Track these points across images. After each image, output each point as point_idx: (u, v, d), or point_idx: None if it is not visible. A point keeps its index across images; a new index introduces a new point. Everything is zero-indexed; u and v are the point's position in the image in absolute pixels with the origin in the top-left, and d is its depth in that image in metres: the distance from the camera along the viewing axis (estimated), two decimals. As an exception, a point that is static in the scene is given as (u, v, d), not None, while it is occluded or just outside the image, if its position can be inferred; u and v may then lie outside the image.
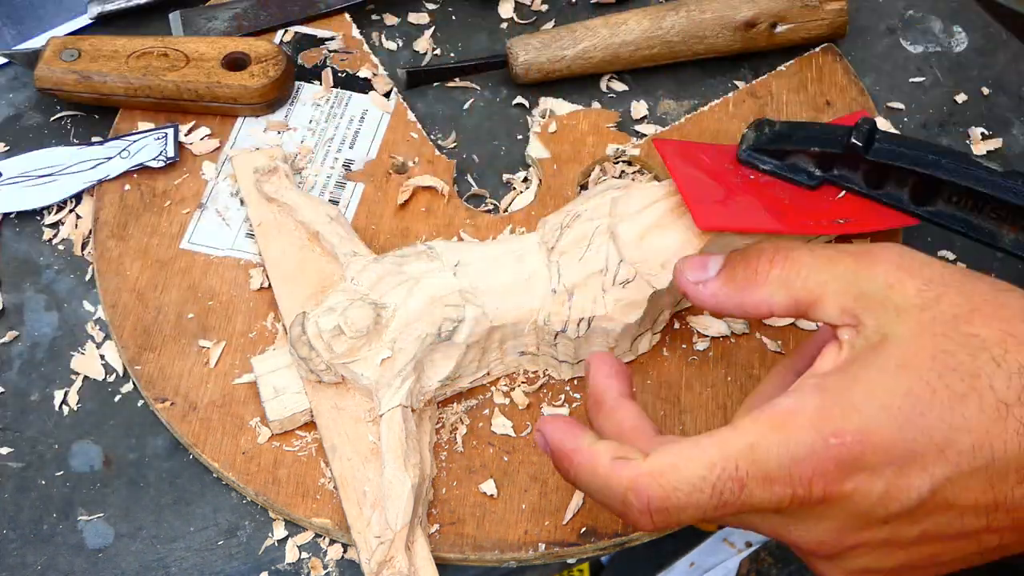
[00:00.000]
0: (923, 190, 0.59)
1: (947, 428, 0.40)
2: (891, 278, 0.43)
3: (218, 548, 0.57)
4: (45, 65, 0.69)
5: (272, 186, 0.65)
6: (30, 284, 0.66)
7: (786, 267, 0.46)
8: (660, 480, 0.42)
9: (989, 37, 0.77)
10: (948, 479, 0.41)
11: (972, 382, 0.41)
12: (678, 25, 0.72)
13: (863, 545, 0.43)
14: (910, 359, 0.41)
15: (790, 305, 0.46)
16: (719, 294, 0.48)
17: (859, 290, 0.44)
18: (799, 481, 0.41)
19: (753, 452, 0.41)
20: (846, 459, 0.41)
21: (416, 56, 0.76)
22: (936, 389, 0.41)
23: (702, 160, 0.63)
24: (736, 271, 0.48)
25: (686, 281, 0.49)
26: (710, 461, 0.42)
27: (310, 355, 0.57)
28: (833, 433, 0.41)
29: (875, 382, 0.41)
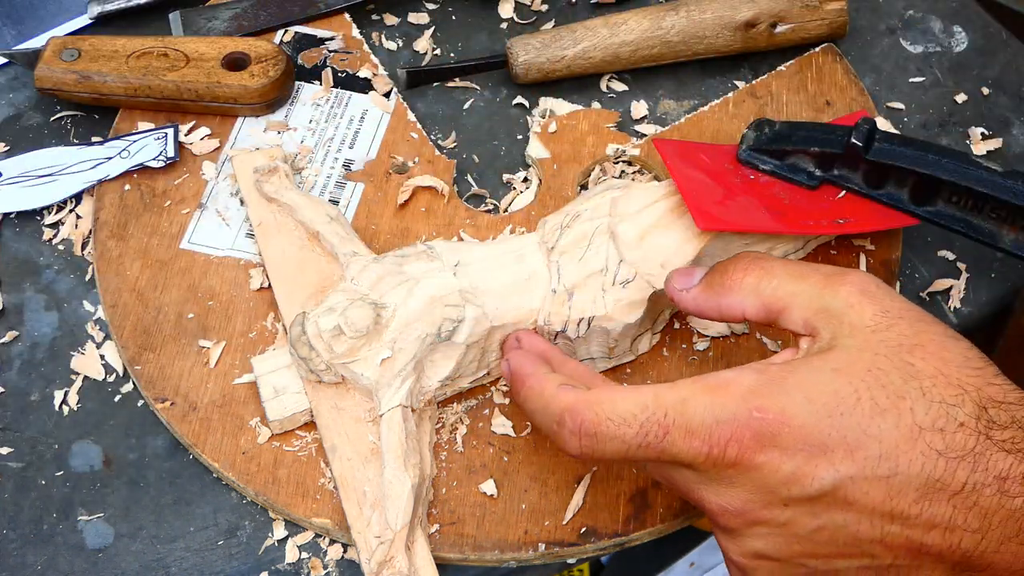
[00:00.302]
0: (923, 190, 0.59)
1: (861, 433, 0.44)
2: (852, 300, 0.47)
3: (218, 548, 0.57)
4: (45, 65, 0.69)
5: (272, 186, 0.65)
6: (30, 284, 0.66)
7: (759, 276, 0.50)
8: (596, 407, 0.47)
9: (989, 37, 0.77)
10: (851, 478, 0.44)
11: (896, 401, 0.44)
12: (678, 25, 0.72)
13: (763, 523, 0.46)
14: (846, 366, 0.45)
15: (760, 310, 0.50)
16: (699, 299, 0.52)
17: (822, 305, 0.48)
18: (716, 441, 0.45)
19: (683, 405, 0.45)
20: (763, 433, 0.44)
21: (416, 56, 0.76)
22: (861, 397, 0.44)
23: (702, 160, 0.63)
24: (715, 278, 0.52)
25: (673, 289, 0.54)
26: (643, 403, 0.46)
27: (310, 355, 0.57)
28: (757, 407, 0.44)
29: (809, 377, 0.45)
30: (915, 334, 0.46)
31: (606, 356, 0.60)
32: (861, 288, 0.48)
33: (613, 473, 0.57)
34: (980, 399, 0.44)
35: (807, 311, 0.48)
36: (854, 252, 0.65)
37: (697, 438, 0.45)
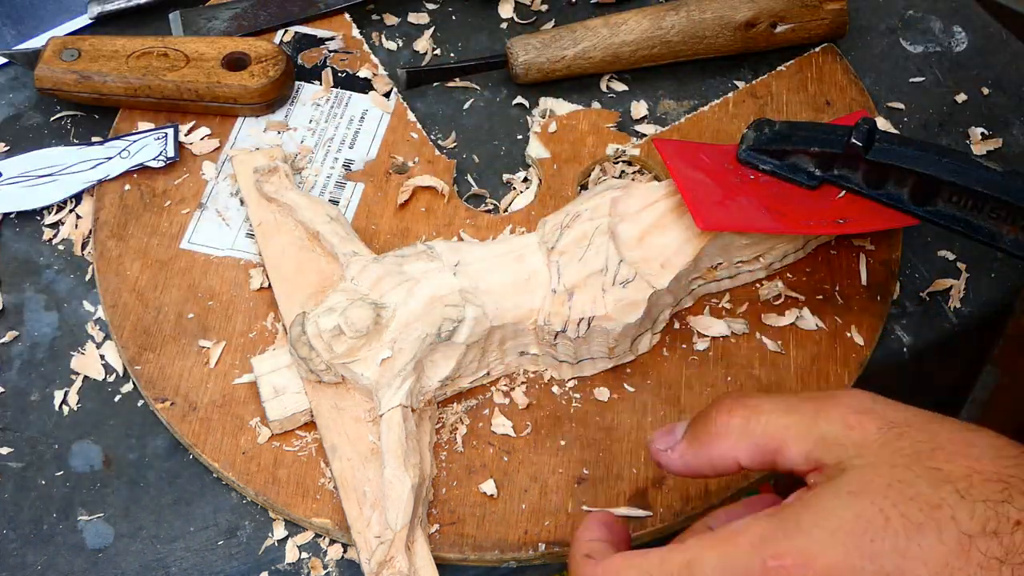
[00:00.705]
0: (923, 190, 0.59)
1: (899, 557, 0.39)
2: (851, 420, 0.43)
3: (218, 548, 0.57)
4: (45, 65, 0.69)
5: (272, 186, 0.65)
6: (30, 284, 0.66)
7: (745, 416, 0.45)
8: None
9: (989, 37, 0.77)
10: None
11: (932, 512, 0.39)
12: (678, 25, 0.72)
13: None
14: (863, 486, 0.40)
15: (755, 453, 0.45)
16: (686, 456, 0.47)
17: (819, 434, 0.43)
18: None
19: (690, 568, 0.42)
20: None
21: (416, 56, 0.76)
22: (890, 517, 0.39)
23: (702, 160, 0.63)
24: (698, 430, 0.47)
25: (656, 451, 0.49)
26: (647, 571, 0.43)
27: (310, 355, 0.57)
28: (772, 555, 0.40)
29: (824, 507, 0.40)
30: (930, 437, 0.41)
31: (606, 356, 0.60)
32: (857, 407, 0.43)
33: (613, 473, 0.57)
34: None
35: (805, 443, 0.43)
36: (854, 252, 0.65)
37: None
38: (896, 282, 0.65)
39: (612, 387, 0.60)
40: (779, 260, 0.64)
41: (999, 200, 0.57)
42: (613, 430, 0.59)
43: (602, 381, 0.60)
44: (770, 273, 0.64)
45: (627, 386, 0.60)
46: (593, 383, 0.60)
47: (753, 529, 0.41)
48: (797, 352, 0.61)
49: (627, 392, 0.60)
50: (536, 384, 0.60)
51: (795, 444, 0.44)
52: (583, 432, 0.59)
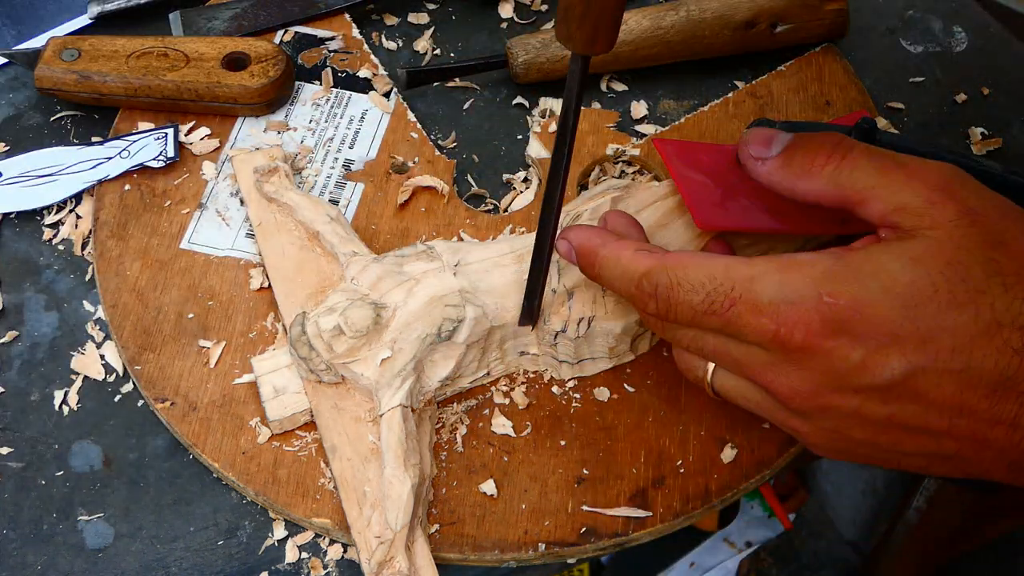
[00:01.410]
0: (923, 190, 0.59)
1: (935, 325, 0.43)
2: (934, 197, 0.46)
3: (218, 548, 0.57)
4: (45, 65, 0.69)
5: (272, 186, 0.65)
6: (30, 284, 0.66)
7: (841, 165, 0.49)
8: (670, 272, 0.48)
9: (989, 37, 0.77)
10: (923, 369, 0.43)
11: (975, 296, 0.43)
12: (678, 25, 0.72)
13: (833, 408, 0.46)
14: (926, 257, 0.44)
15: (837, 200, 0.49)
16: (775, 174, 0.51)
17: (902, 201, 0.46)
18: (783, 321, 0.45)
19: (752, 282, 0.46)
20: (833, 318, 0.44)
21: (416, 56, 0.76)
22: (939, 289, 0.43)
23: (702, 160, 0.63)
24: (795, 157, 0.50)
25: (747, 155, 0.52)
26: (713, 273, 0.47)
27: (310, 355, 0.57)
28: (829, 292, 0.44)
29: (886, 265, 0.45)
30: (1000, 231, 0.45)
31: (606, 356, 0.60)
32: (943, 185, 0.46)
33: (613, 473, 0.57)
34: None
35: (886, 206, 0.47)
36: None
37: (764, 316, 0.45)
38: (896, 282, 0.65)
39: (612, 387, 0.60)
40: (779, 260, 0.64)
41: (999, 200, 0.57)
42: (613, 430, 0.59)
43: (602, 381, 0.60)
44: (770, 273, 0.64)
45: (627, 386, 0.60)
46: (593, 383, 0.60)
47: (819, 264, 0.45)
48: (797, 352, 0.61)
49: (627, 392, 0.60)
50: (536, 384, 0.60)
51: (877, 203, 0.47)
52: (583, 432, 0.59)
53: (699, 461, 0.58)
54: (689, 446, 0.58)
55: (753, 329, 0.46)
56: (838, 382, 0.45)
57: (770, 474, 0.58)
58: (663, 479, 0.57)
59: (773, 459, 0.58)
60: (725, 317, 0.46)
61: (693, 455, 0.58)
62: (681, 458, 0.58)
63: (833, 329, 0.44)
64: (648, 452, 0.58)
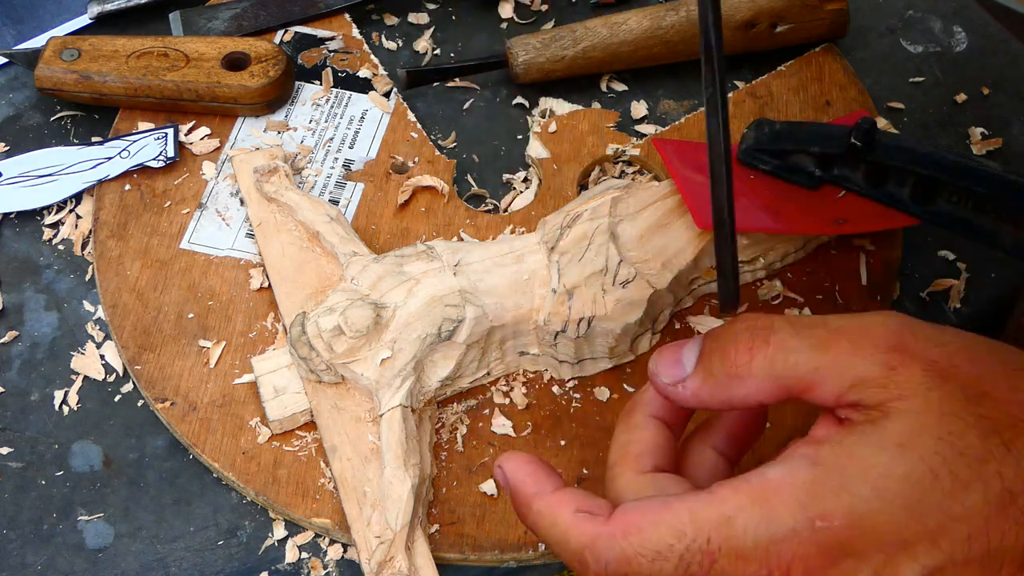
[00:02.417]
0: (923, 190, 0.59)
1: (944, 517, 0.38)
2: (891, 360, 0.40)
3: (218, 548, 0.57)
4: (45, 65, 0.69)
5: (272, 186, 0.65)
6: (30, 284, 0.66)
7: (769, 356, 0.41)
8: (622, 543, 0.40)
9: (989, 37, 0.77)
10: (940, 569, 0.38)
11: (979, 468, 0.38)
12: (678, 25, 0.72)
13: None
14: (912, 439, 0.38)
15: (780, 393, 0.42)
16: (701, 394, 0.43)
17: (856, 375, 0.40)
18: (776, 563, 0.38)
19: (729, 526, 0.38)
20: (832, 544, 0.38)
21: (416, 56, 0.76)
22: (939, 475, 0.38)
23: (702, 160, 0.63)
24: (713, 365, 0.43)
25: (663, 385, 0.44)
26: (680, 529, 0.39)
27: (310, 355, 0.57)
28: (820, 515, 0.38)
29: (872, 461, 0.38)
30: (977, 379, 0.39)
31: (606, 356, 0.60)
32: (894, 343, 0.40)
33: (613, 473, 0.57)
34: None
35: (840, 386, 0.40)
36: (854, 252, 0.65)
37: (752, 563, 0.38)
38: (896, 282, 0.65)
39: (612, 387, 0.60)
40: (779, 260, 0.64)
41: (999, 200, 0.57)
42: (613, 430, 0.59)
43: (602, 381, 0.60)
44: (770, 273, 0.64)
45: (627, 386, 0.60)
46: (593, 383, 0.60)
47: (796, 481, 0.39)
48: (797, 352, 0.61)
49: (627, 392, 0.60)
50: (536, 384, 0.60)
51: (828, 385, 0.40)
52: (583, 432, 0.59)
53: (699, 461, 0.58)
54: (689, 446, 0.58)
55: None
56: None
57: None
58: (663, 479, 0.57)
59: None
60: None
61: (693, 455, 0.58)
62: (681, 458, 0.58)
63: (833, 556, 0.38)
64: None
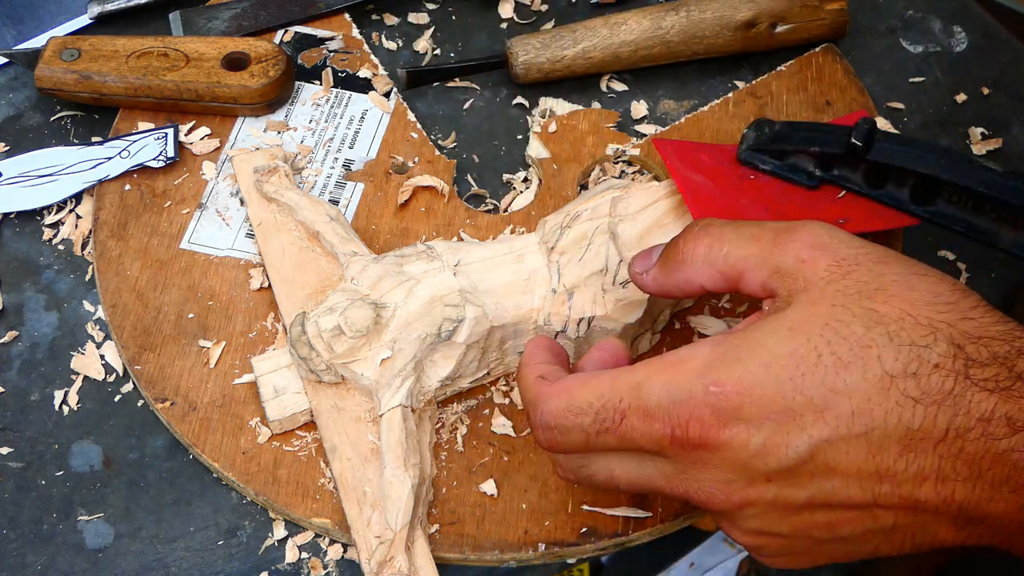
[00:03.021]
0: (923, 190, 0.59)
1: (827, 391, 0.41)
2: (803, 254, 0.45)
3: (218, 548, 0.57)
4: (45, 65, 0.69)
5: (272, 186, 0.65)
6: (30, 284, 0.66)
7: (709, 245, 0.48)
8: (554, 399, 0.46)
9: (989, 37, 0.77)
10: (827, 441, 0.41)
11: (860, 352, 0.41)
12: (678, 25, 0.72)
13: (751, 504, 0.44)
14: (801, 324, 0.43)
15: (717, 280, 0.48)
16: (658, 279, 0.50)
17: (775, 265, 0.45)
18: (676, 422, 0.43)
19: (638, 389, 0.44)
20: (723, 407, 0.42)
21: (416, 56, 0.76)
22: (821, 354, 0.42)
23: (702, 160, 0.63)
24: (668, 255, 0.49)
25: (634, 274, 0.52)
26: (599, 391, 0.45)
27: (310, 355, 0.57)
28: (713, 381, 0.42)
29: (763, 341, 0.43)
30: (875, 277, 0.43)
31: (606, 356, 0.60)
32: (812, 241, 0.45)
33: (613, 473, 0.57)
34: (954, 336, 0.41)
35: (762, 273, 0.46)
36: (854, 252, 0.65)
37: (656, 420, 0.43)
38: (896, 282, 0.65)
39: (612, 387, 0.60)
40: (779, 260, 0.64)
41: (999, 200, 0.57)
42: (613, 430, 0.59)
43: (602, 381, 0.60)
44: (770, 273, 0.64)
45: (627, 386, 0.60)
46: (593, 383, 0.60)
47: (698, 355, 0.44)
48: (797, 352, 0.61)
49: (627, 392, 0.60)
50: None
51: (753, 273, 0.46)
52: (583, 432, 0.59)
53: (699, 461, 0.58)
54: (689, 446, 0.58)
55: (649, 438, 0.44)
56: (746, 473, 0.43)
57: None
58: (663, 479, 0.57)
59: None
60: (619, 432, 0.44)
61: (693, 455, 0.58)
62: (681, 458, 0.58)
63: (726, 418, 0.42)
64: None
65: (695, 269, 0.48)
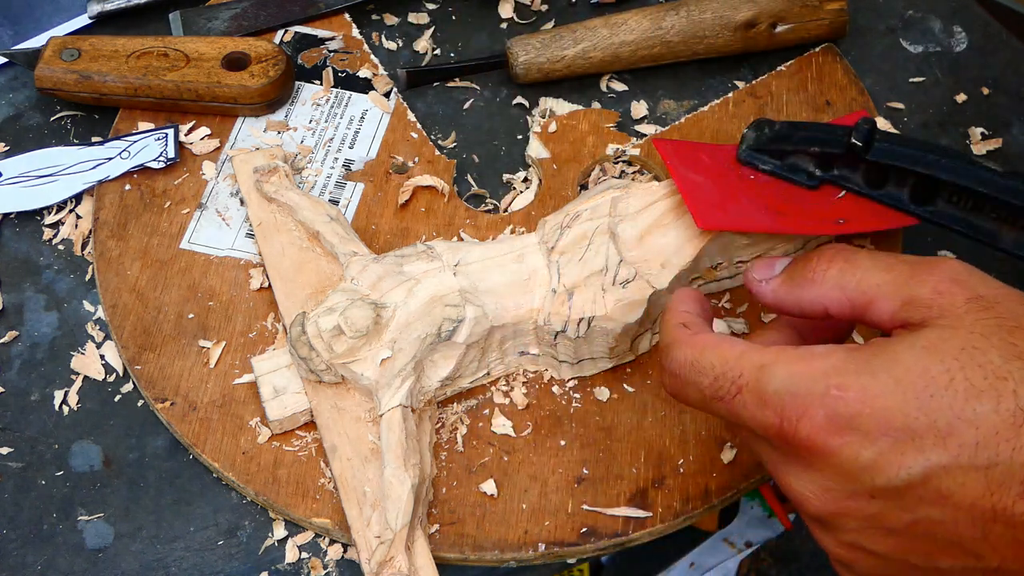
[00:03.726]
0: (923, 190, 0.59)
1: (953, 417, 0.40)
2: (942, 287, 0.44)
3: (218, 548, 0.57)
4: (45, 65, 0.69)
5: (272, 186, 0.65)
6: (30, 284, 0.66)
7: (843, 268, 0.47)
8: (687, 350, 0.47)
9: (989, 37, 0.77)
10: (944, 468, 0.40)
11: (995, 382, 0.40)
12: (678, 25, 0.72)
13: (850, 515, 0.43)
14: (937, 344, 0.42)
15: (844, 305, 0.47)
16: (779, 291, 0.49)
17: (909, 295, 0.44)
18: (787, 415, 0.42)
19: (760, 371, 0.44)
20: (839, 413, 0.41)
21: (416, 56, 0.76)
22: (954, 378, 0.40)
23: (702, 160, 0.63)
24: (796, 270, 0.49)
25: (751, 279, 0.51)
26: (725, 358, 0.45)
27: (310, 355, 0.57)
28: (836, 385, 0.42)
29: (896, 356, 0.42)
30: (1015, 316, 0.42)
31: (606, 356, 0.60)
32: (952, 276, 0.44)
33: (613, 473, 0.57)
34: None
35: (894, 303, 0.44)
36: (854, 252, 0.65)
37: (768, 407, 0.43)
38: (896, 282, 0.65)
39: (612, 387, 0.60)
40: (779, 260, 0.64)
41: (999, 200, 0.57)
42: (613, 430, 0.59)
43: (602, 381, 0.60)
44: (770, 273, 0.64)
45: (627, 386, 0.60)
46: (593, 383, 0.60)
47: (830, 357, 0.43)
48: (797, 352, 0.61)
49: (627, 392, 0.60)
50: (536, 384, 0.60)
51: (884, 302, 0.45)
52: (583, 432, 0.59)
53: (699, 461, 0.58)
54: (689, 446, 0.58)
55: (757, 421, 0.44)
56: (850, 484, 0.42)
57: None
58: (663, 479, 0.57)
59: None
60: (730, 405, 0.45)
61: (693, 455, 0.58)
62: (681, 458, 0.58)
63: (840, 425, 0.41)
64: (648, 452, 0.58)
65: (823, 291, 0.47)
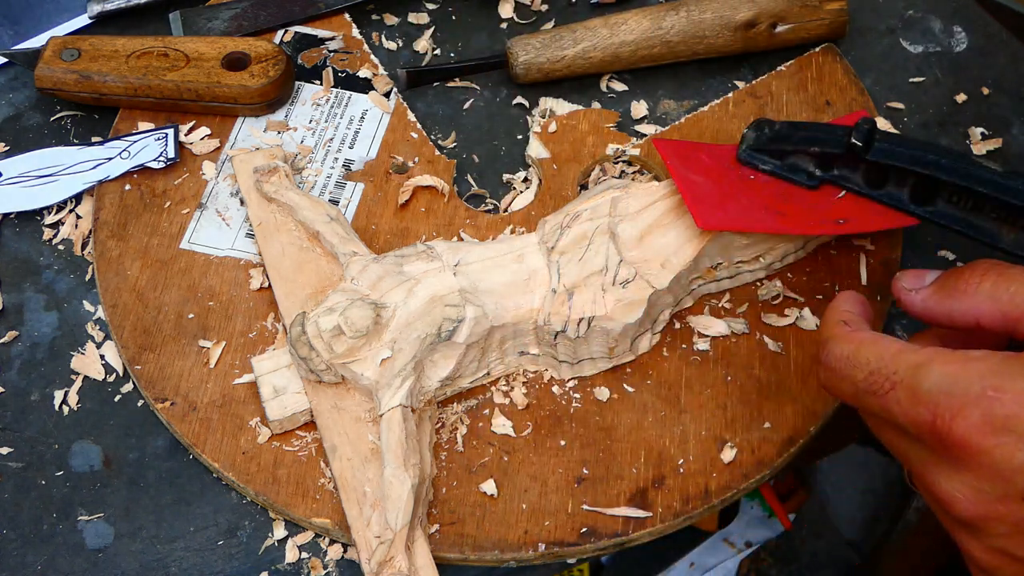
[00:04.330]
0: (923, 190, 0.59)
1: None
2: None
3: (218, 548, 0.57)
4: (45, 65, 0.69)
5: (272, 186, 0.65)
6: (30, 284, 0.66)
7: (997, 282, 0.47)
8: (843, 345, 0.48)
9: (989, 37, 0.77)
10: None
11: None
12: (678, 25, 0.72)
13: (1001, 519, 0.42)
14: None
15: (997, 317, 0.47)
16: (929, 301, 0.49)
17: None
18: (941, 413, 0.42)
19: (916, 369, 0.44)
20: (995, 414, 0.41)
21: (416, 56, 0.76)
22: None
23: (702, 160, 0.63)
24: (948, 282, 0.49)
25: (900, 288, 0.51)
26: (881, 355, 0.46)
27: (310, 355, 0.57)
28: (993, 386, 0.41)
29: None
30: None
31: (606, 356, 0.60)
32: None
33: (613, 473, 0.57)
34: None
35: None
36: (854, 252, 0.65)
37: (922, 404, 0.43)
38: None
39: (612, 387, 0.60)
40: (779, 260, 0.64)
41: (999, 200, 0.57)
42: (613, 430, 0.59)
43: (602, 381, 0.60)
44: (770, 273, 0.64)
45: (627, 386, 0.60)
46: (593, 383, 0.60)
47: (988, 359, 0.43)
48: (797, 352, 0.61)
49: (627, 392, 0.60)
50: (536, 384, 0.60)
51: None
52: (583, 432, 0.59)
53: (699, 461, 0.58)
54: (689, 446, 0.58)
55: (911, 418, 0.43)
56: (1002, 487, 0.41)
57: (770, 474, 0.58)
58: (663, 479, 0.57)
59: (773, 459, 0.58)
60: (883, 401, 0.45)
61: (693, 455, 0.58)
62: (681, 458, 0.58)
63: (995, 426, 0.41)
64: (648, 452, 0.58)
65: (976, 302, 0.47)
